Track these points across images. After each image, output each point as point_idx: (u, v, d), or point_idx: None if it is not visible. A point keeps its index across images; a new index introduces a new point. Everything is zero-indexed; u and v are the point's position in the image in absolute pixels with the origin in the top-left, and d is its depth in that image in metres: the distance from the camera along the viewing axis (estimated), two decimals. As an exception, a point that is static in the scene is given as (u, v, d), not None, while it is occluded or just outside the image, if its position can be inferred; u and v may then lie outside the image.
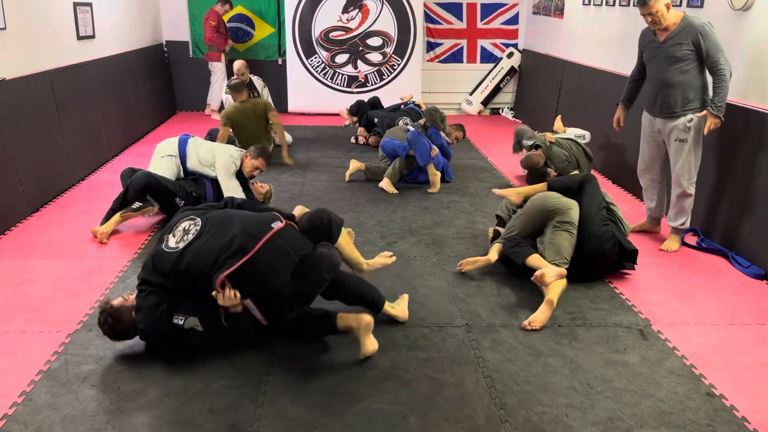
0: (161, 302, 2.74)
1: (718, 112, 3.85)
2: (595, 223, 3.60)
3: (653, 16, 3.90)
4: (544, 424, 2.44)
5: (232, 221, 2.86)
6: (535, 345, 3.00)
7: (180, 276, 2.75)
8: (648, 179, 4.43)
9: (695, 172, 4.09)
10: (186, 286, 2.79)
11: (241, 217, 2.90)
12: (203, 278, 2.72)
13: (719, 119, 3.87)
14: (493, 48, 9.15)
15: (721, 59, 3.80)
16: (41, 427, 2.36)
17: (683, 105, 3.99)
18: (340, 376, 2.71)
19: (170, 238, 2.87)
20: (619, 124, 4.61)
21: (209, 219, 2.89)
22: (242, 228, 2.80)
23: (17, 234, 4.28)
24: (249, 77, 6.90)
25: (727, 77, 3.81)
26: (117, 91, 6.66)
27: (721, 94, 3.82)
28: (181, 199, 4.46)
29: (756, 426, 2.47)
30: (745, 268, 3.91)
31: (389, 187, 5.39)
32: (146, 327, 2.72)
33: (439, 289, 3.57)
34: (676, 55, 3.94)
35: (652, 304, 3.45)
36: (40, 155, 4.87)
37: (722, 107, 3.84)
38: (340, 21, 8.54)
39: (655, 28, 4.01)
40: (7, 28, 4.49)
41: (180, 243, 2.81)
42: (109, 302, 2.78)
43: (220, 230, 2.81)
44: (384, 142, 5.66)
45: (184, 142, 4.74)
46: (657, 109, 4.14)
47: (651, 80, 4.22)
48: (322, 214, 3.06)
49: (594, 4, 6.53)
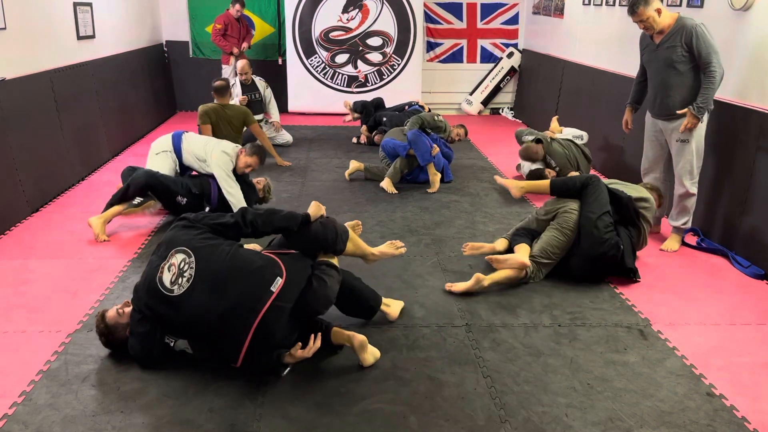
0: (154, 330, 2.68)
1: (698, 113, 3.89)
2: (595, 227, 3.56)
3: (644, 22, 3.95)
4: (544, 424, 2.44)
5: (227, 283, 2.59)
6: (535, 345, 3.00)
7: (179, 325, 2.66)
8: (651, 179, 4.44)
9: (698, 171, 4.10)
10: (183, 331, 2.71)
11: (238, 276, 2.60)
12: (204, 336, 2.66)
13: (697, 120, 3.92)
14: (493, 48, 9.15)
15: (713, 61, 3.81)
16: (41, 427, 2.36)
17: (682, 106, 4.00)
18: (340, 376, 2.71)
19: (164, 271, 2.65)
20: (627, 127, 4.63)
21: (202, 265, 2.62)
22: (239, 300, 2.56)
23: (17, 234, 4.28)
24: (252, 78, 6.84)
25: (717, 80, 3.83)
26: (117, 91, 6.66)
27: (706, 95, 3.85)
28: (183, 197, 4.44)
29: (756, 426, 2.47)
30: (745, 268, 3.91)
31: (390, 187, 5.39)
32: (137, 353, 2.72)
33: (439, 289, 3.56)
34: (671, 58, 3.96)
35: (652, 304, 3.45)
36: (40, 155, 4.87)
37: (703, 108, 3.88)
38: (340, 21, 8.54)
39: (649, 33, 4.05)
40: (7, 28, 4.49)
41: (175, 286, 2.61)
42: (105, 315, 2.78)
43: (216, 291, 2.58)
44: (384, 142, 5.66)
45: (178, 137, 4.73)
46: (657, 111, 4.17)
47: (651, 82, 4.25)
48: (328, 230, 2.91)
49: (594, 4, 6.53)
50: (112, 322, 2.76)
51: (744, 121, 4.07)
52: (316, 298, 2.70)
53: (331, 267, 2.84)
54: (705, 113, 3.93)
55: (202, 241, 2.72)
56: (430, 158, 5.38)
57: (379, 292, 3.44)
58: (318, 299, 2.71)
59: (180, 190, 4.43)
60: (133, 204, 4.48)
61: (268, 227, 2.87)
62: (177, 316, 2.62)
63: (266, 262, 2.68)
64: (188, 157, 4.67)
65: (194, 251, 2.66)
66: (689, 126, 3.93)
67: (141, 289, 2.71)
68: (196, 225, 2.81)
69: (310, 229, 2.89)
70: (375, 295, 3.12)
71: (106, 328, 2.76)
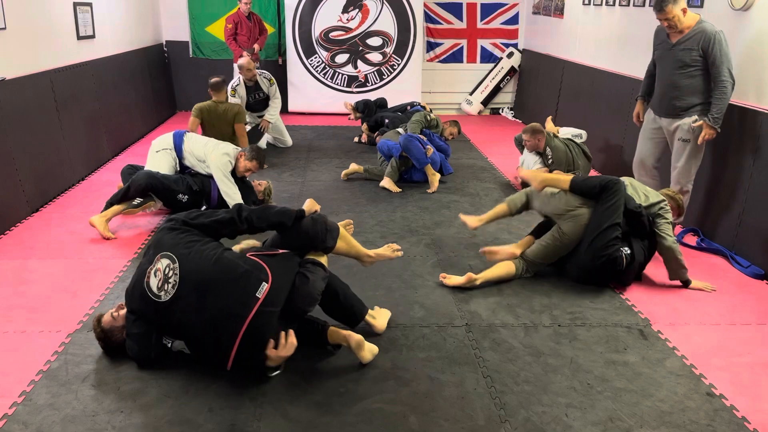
0: (150, 331, 2.68)
1: (715, 124, 3.91)
2: (597, 237, 3.46)
3: (669, 21, 3.93)
4: (544, 424, 2.44)
5: (211, 290, 2.55)
6: (535, 345, 3.00)
7: (170, 329, 2.68)
8: (642, 173, 4.50)
9: (695, 171, 4.14)
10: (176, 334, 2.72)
11: (223, 282, 2.55)
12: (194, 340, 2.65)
13: (715, 131, 3.93)
14: (493, 48, 9.15)
15: (725, 71, 3.83)
16: (41, 427, 2.36)
17: (689, 107, 4.03)
18: (340, 376, 2.71)
19: (151, 276, 2.63)
20: (639, 119, 4.62)
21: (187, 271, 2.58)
22: (225, 306, 2.52)
23: (17, 234, 4.28)
24: (255, 74, 6.54)
25: (728, 91, 3.84)
26: (117, 91, 6.66)
27: (720, 106, 3.87)
28: (183, 194, 4.45)
29: (756, 426, 2.47)
30: (745, 268, 3.91)
31: (392, 186, 5.41)
32: (135, 355, 2.73)
33: (439, 289, 3.56)
34: (684, 60, 3.97)
35: (652, 304, 3.45)
36: (40, 155, 4.87)
37: (719, 119, 3.89)
38: (340, 21, 8.54)
39: (671, 31, 4.02)
40: (7, 28, 4.49)
41: (162, 292, 2.59)
42: (100, 320, 2.78)
43: (202, 298, 2.55)
44: (380, 144, 5.70)
45: (180, 136, 4.75)
46: (663, 110, 4.18)
47: (659, 80, 4.24)
48: (318, 225, 2.89)
49: (594, 4, 6.53)
50: (107, 326, 2.76)
51: (744, 121, 4.07)
52: (298, 295, 2.64)
53: (316, 264, 2.78)
54: (718, 123, 3.92)
55: (187, 246, 2.67)
56: (426, 160, 5.40)
57: (379, 292, 3.46)
58: (300, 296, 2.63)
59: (180, 188, 4.45)
60: (133, 204, 4.49)
61: (263, 222, 2.86)
62: (166, 322, 2.63)
63: (252, 266, 2.61)
64: (188, 157, 4.69)
65: (179, 257, 2.63)
66: (708, 138, 3.95)
67: (132, 293, 2.70)
68: (182, 227, 2.76)
69: (302, 224, 2.88)
70: (361, 304, 3.02)
71: (103, 332, 2.77)
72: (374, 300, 3.30)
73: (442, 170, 5.66)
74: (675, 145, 4.15)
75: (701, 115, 4.00)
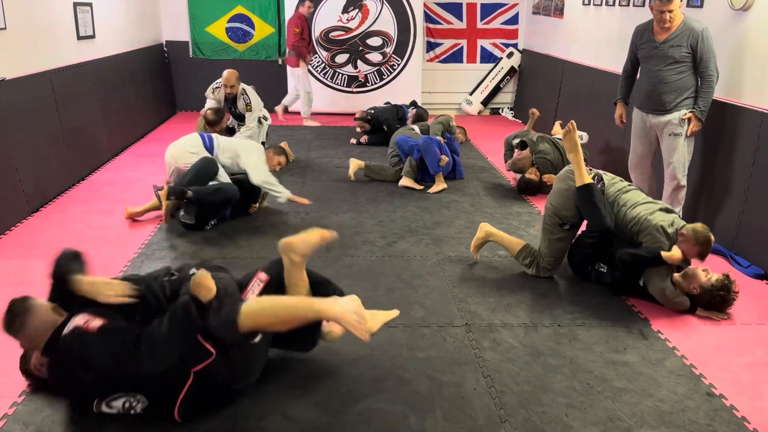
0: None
1: (702, 116, 4.05)
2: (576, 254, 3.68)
3: (669, 14, 3.99)
4: (544, 424, 2.44)
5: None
6: (535, 345, 3.01)
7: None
8: (638, 174, 4.56)
9: (687, 164, 4.20)
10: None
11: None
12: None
13: (701, 122, 4.06)
14: (493, 48, 9.14)
15: (711, 65, 3.99)
16: (41, 427, 2.36)
17: (677, 102, 4.12)
18: (340, 376, 2.71)
19: None
20: (622, 121, 4.70)
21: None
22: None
23: (17, 234, 4.28)
24: (241, 88, 5.92)
25: (714, 84, 4.01)
26: (117, 91, 6.65)
27: (707, 98, 4.03)
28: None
29: (756, 426, 2.47)
30: (745, 268, 3.91)
31: (413, 184, 5.49)
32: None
33: (439, 289, 3.56)
34: (674, 57, 4.07)
35: (652, 304, 3.45)
36: (40, 155, 4.87)
37: (705, 111, 4.04)
38: (340, 21, 8.53)
39: (663, 26, 4.08)
40: (7, 28, 4.49)
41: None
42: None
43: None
44: (399, 139, 5.64)
45: (210, 140, 4.72)
46: (651, 106, 4.25)
47: (646, 78, 4.29)
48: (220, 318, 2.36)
49: (594, 4, 6.53)
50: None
51: (743, 121, 4.08)
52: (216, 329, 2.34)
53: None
54: (704, 116, 4.06)
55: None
56: (438, 169, 5.44)
57: (379, 292, 3.46)
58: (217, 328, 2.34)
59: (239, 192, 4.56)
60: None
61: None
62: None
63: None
64: (221, 156, 4.68)
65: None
66: (695, 129, 4.08)
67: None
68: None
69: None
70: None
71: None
72: (374, 300, 3.29)
73: (455, 173, 5.79)
74: (666, 141, 4.19)
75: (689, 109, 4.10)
